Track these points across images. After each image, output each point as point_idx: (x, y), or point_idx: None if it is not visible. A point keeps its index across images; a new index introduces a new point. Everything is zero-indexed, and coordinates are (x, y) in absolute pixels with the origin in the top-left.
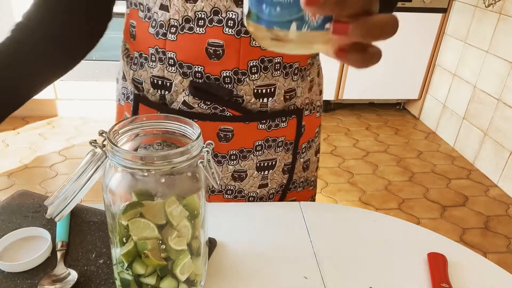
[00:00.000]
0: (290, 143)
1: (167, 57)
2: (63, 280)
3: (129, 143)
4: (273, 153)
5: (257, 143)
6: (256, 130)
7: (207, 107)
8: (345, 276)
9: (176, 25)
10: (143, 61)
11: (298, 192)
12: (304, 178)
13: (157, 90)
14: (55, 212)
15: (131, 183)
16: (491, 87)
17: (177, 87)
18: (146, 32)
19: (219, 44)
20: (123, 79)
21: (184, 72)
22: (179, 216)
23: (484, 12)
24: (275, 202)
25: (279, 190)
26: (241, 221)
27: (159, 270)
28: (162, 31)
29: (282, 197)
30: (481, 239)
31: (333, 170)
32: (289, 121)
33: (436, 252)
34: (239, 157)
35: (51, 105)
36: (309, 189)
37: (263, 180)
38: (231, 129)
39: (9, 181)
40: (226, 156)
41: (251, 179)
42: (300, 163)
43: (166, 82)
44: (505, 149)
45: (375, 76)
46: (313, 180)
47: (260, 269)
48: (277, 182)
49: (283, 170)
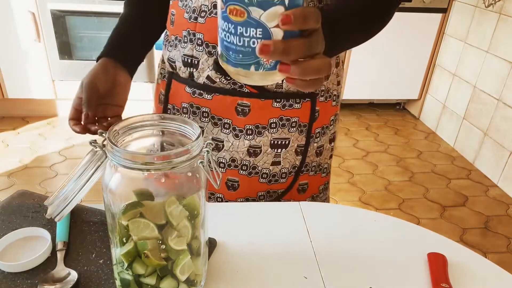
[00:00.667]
0: (304, 125)
1: (196, 38)
2: (63, 280)
3: (129, 143)
4: (287, 133)
5: (272, 121)
6: (271, 107)
7: (227, 82)
8: (345, 276)
9: (206, 10)
10: (177, 43)
11: (310, 176)
12: (317, 163)
13: (187, 67)
14: (55, 212)
15: (131, 183)
16: (491, 87)
17: (203, 65)
18: (182, 18)
19: None
20: (161, 62)
21: (210, 51)
22: (179, 216)
23: (484, 12)
24: (275, 202)
25: (291, 171)
26: (241, 221)
27: (159, 270)
28: (194, 16)
29: (295, 178)
30: (481, 239)
31: (333, 170)
32: (303, 103)
33: (436, 252)
34: (254, 132)
35: (51, 105)
36: (322, 175)
37: (276, 158)
38: (248, 104)
39: (9, 181)
40: (243, 130)
41: (264, 155)
42: (313, 147)
43: (194, 60)
44: (505, 149)
45: (375, 76)
46: (326, 167)
47: (260, 269)
48: (290, 162)
49: (296, 152)
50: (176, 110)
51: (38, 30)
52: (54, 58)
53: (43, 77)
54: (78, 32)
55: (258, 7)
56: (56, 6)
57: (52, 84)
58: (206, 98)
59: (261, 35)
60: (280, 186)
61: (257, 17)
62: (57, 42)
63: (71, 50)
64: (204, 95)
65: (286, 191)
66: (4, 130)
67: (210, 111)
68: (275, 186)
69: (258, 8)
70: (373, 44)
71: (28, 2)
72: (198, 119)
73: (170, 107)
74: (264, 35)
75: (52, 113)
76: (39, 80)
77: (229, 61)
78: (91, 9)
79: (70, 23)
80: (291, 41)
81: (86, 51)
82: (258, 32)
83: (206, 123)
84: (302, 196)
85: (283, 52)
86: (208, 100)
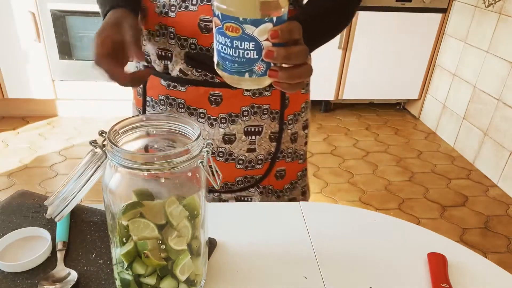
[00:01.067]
0: (276, 112)
1: (168, 32)
2: (63, 280)
3: (129, 143)
4: (259, 120)
5: (244, 109)
6: (242, 96)
7: (198, 74)
8: (345, 276)
9: (175, 4)
10: (150, 37)
11: (287, 163)
12: (292, 149)
13: (161, 60)
14: (55, 212)
15: (131, 183)
16: (491, 87)
17: (176, 58)
18: (153, 12)
19: (208, 20)
20: None
21: (182, 44)
22: (179, 216)
23: (484, 12)
24: (275, 202)
25: (267, 158)
26: (241, 221)
27: (159, 270)
28: (164, 10)
29: (271, 164)
30: (481, 239)
31: (333, 170)
32: (273, 91)
33: (436, 252)
34: (228, 121)
35: (51, 105)
36: (299, 162)
37: (251, 145)
38: (220, 94)
39: (9, 181)
40: (217, 119)
41: (239, 142)
42: (287, 134)
43: (168, 53)
44: (505, 149)
45: (375, 76)
46: (302, 154)
47: (260, 269)
48: (265, 149)
49: (270, 138)
50: (154, 103)
51: (38, 30)
52: (54, 58)
53: (43, 77)
54: (78, 32)
55: (251, 24)
56: (56, 6)
57: (52, 84)
58: (180, 90)
59: (253, 47)
60: (257, 172)
61: (250, 32)
62: (57, 42)
63: (71, 50)
64: (178, 87)
65: (263, 177)
66: (4, 130)
67: (185, 102)
68: (252, 172)
69: (251, 25)
70: (373, 44)
71: (28, 2)
72: (175, 110)
73: (149, 99)
74: (256, 47)
75: (52, 113)
76: (39, 80)
77: (225, 69)
78: (91, 9)
79: (70, 23)
80: (291, 48)
81: (86, 51)
82: (251, 45)
83: (182, 113)
84: (281, 183)
85: (285, 57)
86: (183, 92)
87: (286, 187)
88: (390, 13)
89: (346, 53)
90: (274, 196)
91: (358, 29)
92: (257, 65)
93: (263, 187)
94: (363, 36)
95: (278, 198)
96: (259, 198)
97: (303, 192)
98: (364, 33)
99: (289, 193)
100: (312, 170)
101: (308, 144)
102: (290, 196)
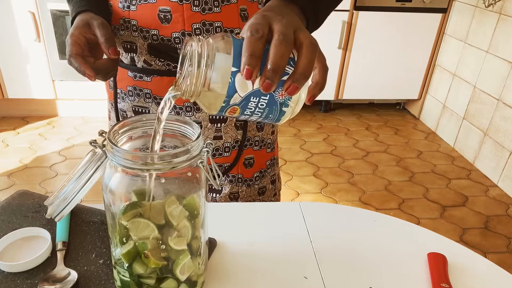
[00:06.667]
0: None
1: (131, 25)
2: (63, 280)
3: (129, 143)
4: None
5: None
6: None
7: (162, 64)
8: (345, 276)
9: None
10: (116, 31)
11: (255, 151)
12: (259, 138)
13: (127, 53)
14: (55, 212)
15: (131, 183)
16: (491, 87)
17: (140, 49)
18: (117, 8)
19: (167, 10)
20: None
21: (144, 35)
22: (179, 216)
23: (484, 12)
24: (275, 202)
25: (235, 146)
26: (241, 221)
27: (159, 270)
28: (126, 4)
29: (239, 152)
30: (481, 239)
31: (333, 170)
32: None
33: (436, 252)
34: (193, 109)
35: (51, 105)
36: (267, 150)
37: (217, 133)
38: None
39: (9, 181)
40: (183, 107)
41: (206, 130)
42: (253, 122)
43: (132, 45)
44: (505, 149)
45: (375, 76)
46: (270, 143)
47: (260, 269)
48: (232, 137)
49: (236, 126)
50: (124, 94)
51: (38, 30)
52: (54, 58)
53: (43, 77)
54: None
55: (233, 106)
56: (56, 6)
57: (52, 84)
58: (146, 80)
59: (257, 99)
60: (226, 160)
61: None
62: (57, 42)
63: None
64: (144, 77)
65: (232, 165)
66: (4, 130)
67: (152, 92)
68: (220, 160)
69: (234, 106)
70: (373, 44)
71: (28, 2)
72: (143, 100)
73: (119, 91)
74: (261, 94)
75: (52, 113)
76: (39, 80)
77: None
78: None
79: (70, 23)
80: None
81: None
82: (254, 99)
83: (150, 103)
84: (250, 171)
85: (302, 77)
86: (148, 82)
87: (255, 175)
88: (390, 13)
89: (346, 53)
90: (244, 185)
91: (358, 29)
92: (278, 94)
93: (232, 175)
94: (363, 36)
95: (248, 187)
96: (229, 187)
97: (273, 181)
98: (364, 33)
99: (259, 181)
100: (312, 170)
101: (276, 133)
102: (260, 185)
